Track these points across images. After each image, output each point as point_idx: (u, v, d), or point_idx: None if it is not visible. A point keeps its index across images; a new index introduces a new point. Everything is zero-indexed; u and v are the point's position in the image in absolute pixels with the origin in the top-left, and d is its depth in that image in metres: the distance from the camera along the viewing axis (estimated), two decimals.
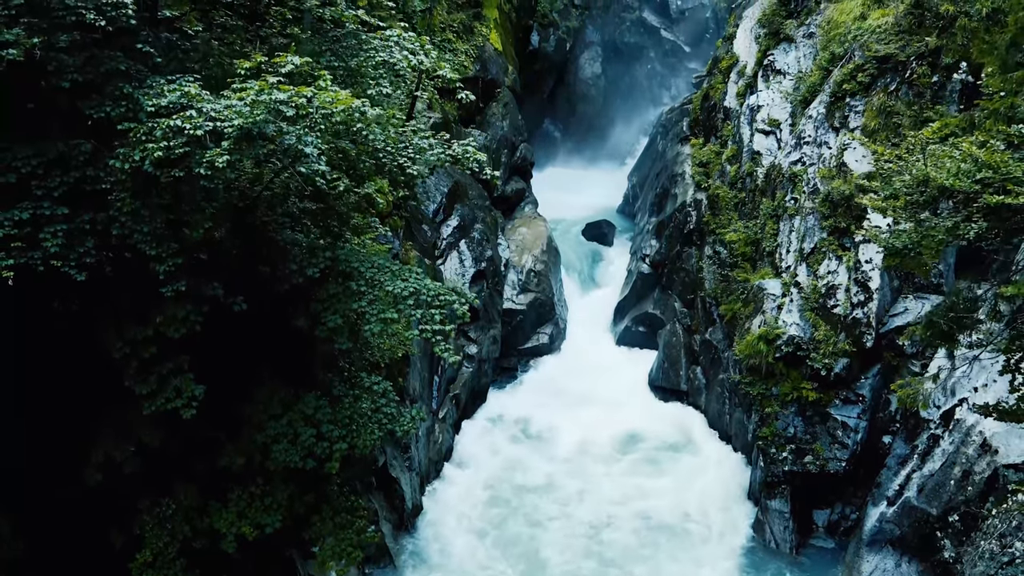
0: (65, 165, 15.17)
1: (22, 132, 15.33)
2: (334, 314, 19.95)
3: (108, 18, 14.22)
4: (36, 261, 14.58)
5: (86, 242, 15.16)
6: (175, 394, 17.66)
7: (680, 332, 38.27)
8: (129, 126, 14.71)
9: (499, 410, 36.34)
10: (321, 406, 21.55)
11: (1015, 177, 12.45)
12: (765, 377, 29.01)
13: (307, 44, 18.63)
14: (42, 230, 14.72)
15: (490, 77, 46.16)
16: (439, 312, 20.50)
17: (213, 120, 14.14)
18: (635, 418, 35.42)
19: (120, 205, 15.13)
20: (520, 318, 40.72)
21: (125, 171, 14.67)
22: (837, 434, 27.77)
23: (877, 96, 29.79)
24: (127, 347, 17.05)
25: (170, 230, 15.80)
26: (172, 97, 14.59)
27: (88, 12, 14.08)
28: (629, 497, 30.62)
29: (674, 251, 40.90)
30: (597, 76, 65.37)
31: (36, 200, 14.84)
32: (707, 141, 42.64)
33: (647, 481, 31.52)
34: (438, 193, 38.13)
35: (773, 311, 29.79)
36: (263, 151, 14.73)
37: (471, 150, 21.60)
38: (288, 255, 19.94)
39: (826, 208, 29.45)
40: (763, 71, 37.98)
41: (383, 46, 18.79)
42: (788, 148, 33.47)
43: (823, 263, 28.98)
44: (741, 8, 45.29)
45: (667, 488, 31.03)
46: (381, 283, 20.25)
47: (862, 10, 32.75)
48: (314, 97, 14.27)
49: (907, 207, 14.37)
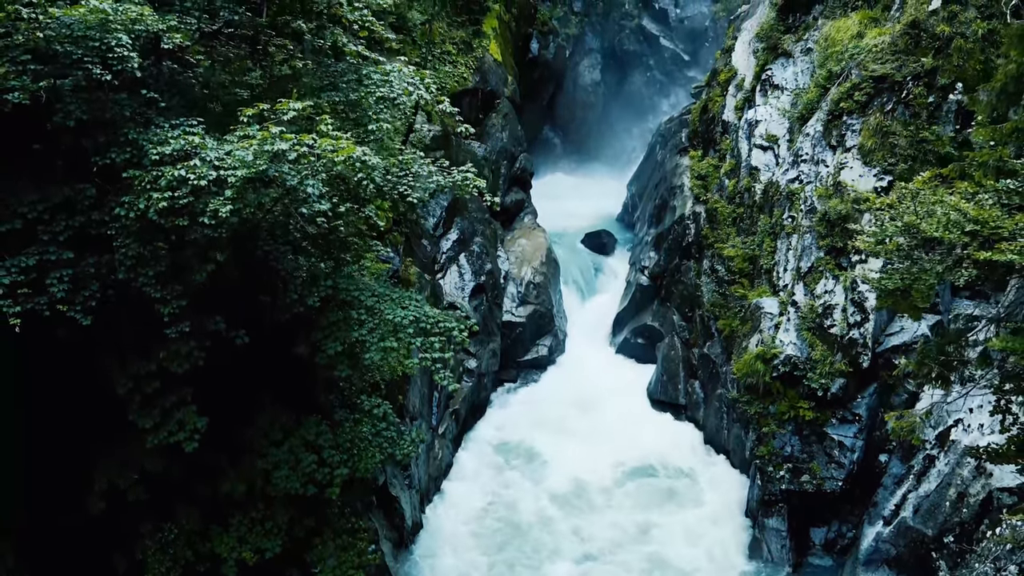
0: (70, 209, 15.40)
1: (28, 174, 15.56)
2: (334, 342, 20.18)
3: (114, 72, 14.41)
4: (42, 306, 14.82)
5: (91, 285, 15.40)
6: (178, 427, 17.91)
7: (678, 346, 38.49)
8: (134, 174, 14.93)
9: (499, 425, 36.53)
10: (322, 431, 21.81)
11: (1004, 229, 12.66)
12: (762, 396, 29.24)
13: (308, 77, 18.84)
14: (48, 275, 14.96)
15: (489, 88, 46.29)
16: (439, 339, 20.74)
17: (217, 168, 14.35)
18: (634, 434, 35.47)
19: (125, 250, 15.35)
20: (520, 330, 40.92)
21: (130, 219, 14.89)
22: (834, 453, 28.00)
23: (874, 116, 29.96)
24: (130, 382, 17.29)
25: (174, 272, 16.01)
26: (176, 145, 14.81)
27: (95, 66, 14.29)
28: (626, 521, 30.73)
29: (673, 264, 41.11)
30: (596, 83, 65.59)
31: (42, 245, 15.08)
32: (706, 154, 42.85)
33: (645, 503, 31.63)
34: (438, 207, 38.28)
35: (770, 330, 30.02)
36: (267, 199, 14.92)
37: (470, 177, 21.78)
38: (289, 284, 20.16)
39: (823, 227, 29.63)
40: (761, 86, 38.15)
41: (383, 80, 18.97)
42: (786, 165, 33.67)
43: (820, 282, 29.18)
44: (740, 20, 45.47)
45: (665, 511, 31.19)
46: (381, 311, 20.46)
47: (859, 28, 32.90)
48: (316, 145, 14.47)
49: (898, 250, 14.59)
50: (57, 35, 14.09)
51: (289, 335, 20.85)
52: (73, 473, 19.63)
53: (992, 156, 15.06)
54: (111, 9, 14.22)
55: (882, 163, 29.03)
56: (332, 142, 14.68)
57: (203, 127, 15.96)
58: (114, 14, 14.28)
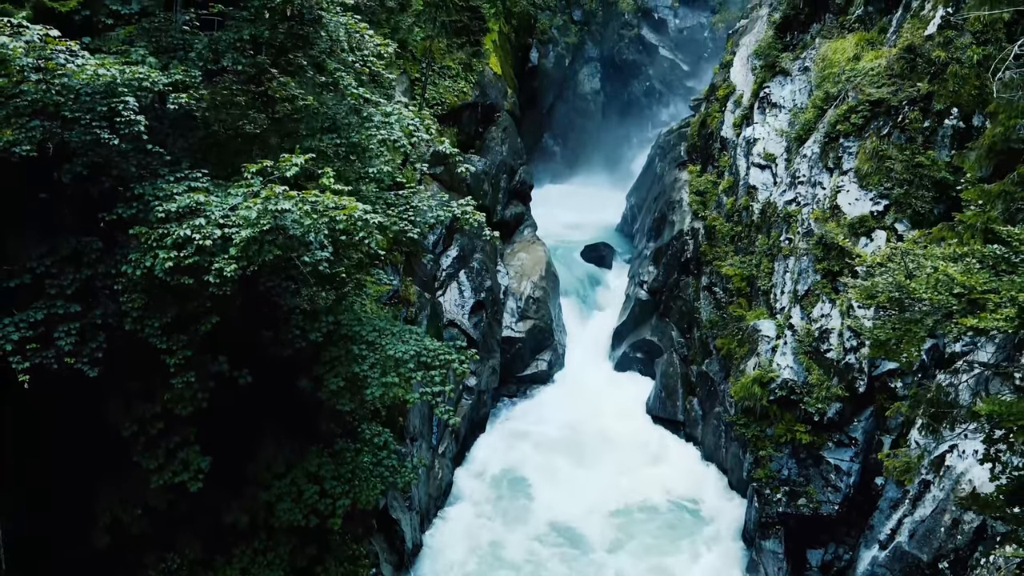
0: (78, 262, 15.68)
1: (36, 225, 15.81)
2: (336, 377, 20.45)
3: (121, 136, 14.67)
4: (50, 360, 15.09)
5: (98, 337, 15.67)
6: (182, 467, 18.20)
7: (677, 362, 38.75)
8: (140, 230, 15.18)
9: (498, 444, 36.76)
10: (324, 462, 22.10)
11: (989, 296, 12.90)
12: (760, 418, 29.51)
13: (309, 120, 19.07)
14: (56, 329, 15.25)
15: (489, 102, 46.49)
16: (439, 373, 21.02)
17: (222, 227, 14.62)
18: (633, 455, 35.72)
19: (131, 304, 15.61)
20: (519, 346, 41.17)
21: (136, 276, 15.15)
22: (830, 477, 28.25)
23: (870, 139, 30.15)
24: (135, 425, 17.56)
25: (179, 323, 16.27)
26: (182, 203, 15.07)
27: (102, 131, 14.54)
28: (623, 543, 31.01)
29: (672, 279, 41.38)
30: (596, 92, 65.88)
31: (49, 299, 15.36)
32: (704, 169, 43.11)
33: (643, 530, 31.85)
34: (438, 224, 38.44)
35: (767, 353, 30.27)
36: (270, 256, 15.18)
37: (470, 211, 22.12)
38: (290, 319, 20.43)
39: (819, 251, 29.87)
40: (759, 103, 38.37)
41: (383, 123, 19.22)
42: (783, 186, 33.90)
43: (816, 306, 29.41)
44: (738, 35, 45.66)
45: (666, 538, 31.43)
46: (382, 346, 20.75)
47: (856, 51, 33.10)
48: (319, 203, 14.72)
49: (889, 301, 14.83)
50: (66, 101, 14.34)
51: (291, 369, 21.13)
52: (78, 508, 19.91)
53: (980, 218, 15.30)
54: (118, 73, 14.46)
55: (878, 187, 29.22)
56: (335, 199, 14.94)
57: (207, 177, 16.22)
58: (120, 76, 14.53)
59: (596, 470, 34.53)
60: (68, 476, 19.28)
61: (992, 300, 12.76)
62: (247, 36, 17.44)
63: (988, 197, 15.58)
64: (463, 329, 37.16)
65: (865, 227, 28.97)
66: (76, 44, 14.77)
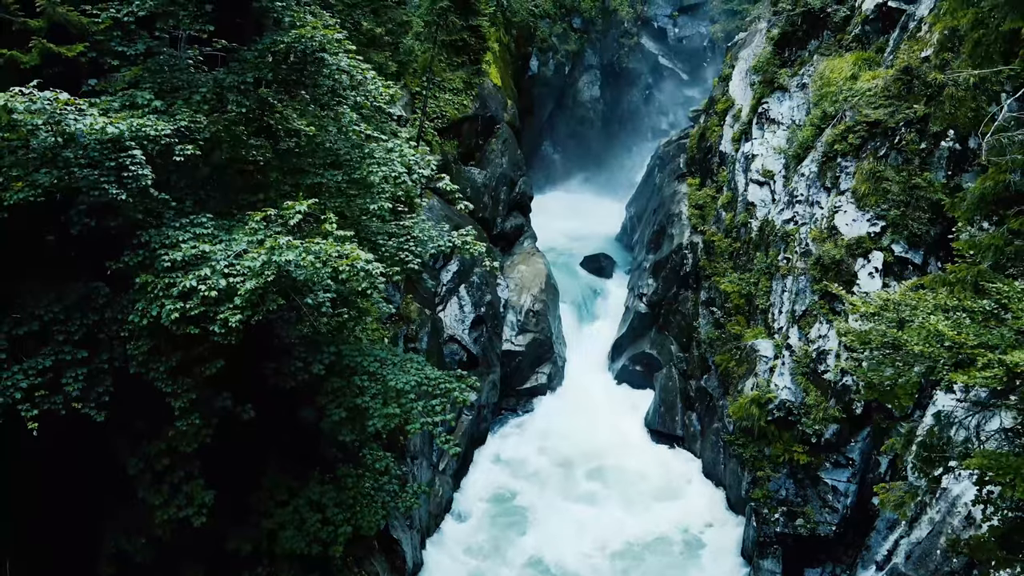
0: (85, 307, 15.92)
1: (42, 269, 16.05)
2: (338, 408, 20.68)
3: (128, 190, 14.90)
4: (58, 406, 15.34)
5: (104, 381, 15.91)
6: (186, 501, 18.44)
7: (676, 377, 38.98)
8: (147, 279, 15.42)
9: (498, 457, 37.00)
10: (326, 490, 22.33)
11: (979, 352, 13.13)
12: (757, 438, 29.74)
13: (313, 155, 19.31)
14: (64, 375, 15.49)
15: (489, 114, 46.70)
16: (440, 402, 21.24)
17: (227, 276, 14.86)
18: (631, 472, 35.91)
19: (137, 350, 15.86)
20: (519, 359, 41.38)
21: (143, 325, 15.40)
22: (827, 498, 28.50)
23: (867, 160, 30.36)
24: (141, 462, 17.81)
25: (185, 366, 16.51)
26: (187, 253, 15.31)
27: (111, 186, 14.78)
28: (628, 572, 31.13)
29: (670, 292, 41.64)
30: (596, 99, 66.09)
31: (57, 345, 15.60)
32: (703, 182, 43.36)
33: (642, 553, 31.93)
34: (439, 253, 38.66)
35: (765, 373, 30.50)
36: (274, 305, 15.44)
37: (470, 241, 22.37)
38: (293, 351, 20.65)
39: (817, 271, 30.08)
40: (758, 119, 38.58)
41: (385, 159, 19.45)
42: (781, 204, 34.12)
43: (814, 326, 29.65)
44: (737, 48, 45.87)
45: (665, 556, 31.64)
46: (383, 376, 20.95)
47: (853, 70, 33.29)
48: (321, 252, 14.95)
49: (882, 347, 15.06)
50: (74, 157, 14.57)
51: (294, 399, 21.36)
52: (83, 539, 20.13)
53: (970, 272, 15.53)
54: (125, 128, 14.68)
55: (875, 208, 29.45)
56: (338, 247, 15.17)
57: (212, 222, 16.46)
58: (128, 130, 14.76)
59: (595, 494, 34.64)
60: (73, 508, 19.49)
61: (981, 358, 12.99)
62: (251, 79, 17.66)
63: (979, 249, 15.81)
64: (463, 344, 37.38)
65: (862, 248, 29.21)
66: (84, 102, 14.98)
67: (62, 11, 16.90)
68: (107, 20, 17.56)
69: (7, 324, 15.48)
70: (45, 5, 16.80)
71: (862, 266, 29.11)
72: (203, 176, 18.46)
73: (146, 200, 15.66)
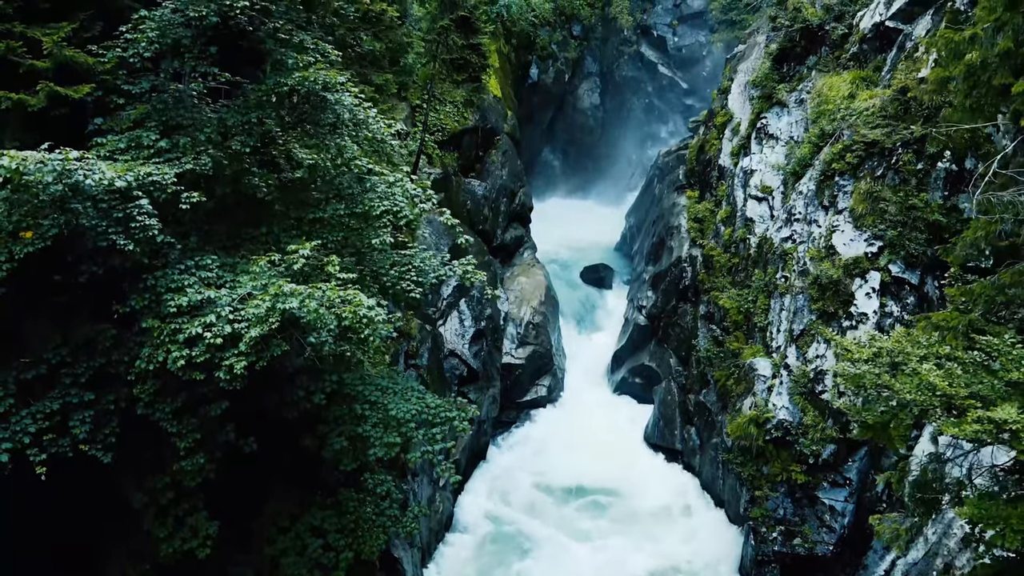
0: (91, 350, 16.15)
1: (49, 311, 16.29)
2: (339, 436, 20.89)
3: (136, 240, 15.14)
4: (65, 449, 15.58)
5: (111, 423, 16.15)
6: (191, 534, 18.66)
7: (675, 391, 39.20)
8: (153, 324, 15.66)
9: (498, 473, 37.17)
10: (328, 515, 22.53)
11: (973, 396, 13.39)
12: (756, 457, 29.98)
13: (315, 190, 19.55)
14: (71, 418, 15.73)
15: (489, 126, 46.88)
16: (440, 431, 21.48)
17: (232, 322, 15.11)
18: (631, 488, 36.12)
19: (143, 393, 16.10)
20: (519, 372, 41.61)
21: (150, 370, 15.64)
22: (825, 518, 28.74)
23: (864, 180, 30.60)
24: (146, 496, 18.05)
25: (190, 406, 16.74)
26: (193, 297, 15.55)
27: (118, 236, 15.01)
28: None
29: (670, 305, 41.88)
30: (596, 106, 66.38)
31: (64, 388, 15.84)
32: (703, 196, 43.59)
33: None
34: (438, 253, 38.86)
35: (763, 393, 30.73)
36: (278, 351, 15.68)
37: (470, 270, 22.58)
38: (295, 380, 20.85)
39: (815, 291, 30.30)
40: (756, 134, 38.81)
41: (387, 192, 19.68)
42: (780, 222, 34.33)
43: (812, 346, 29.87)
44: (736, 60, 46.06)
45: None
46: (384, 405, 21.16)
47: (851, 88, 33.51)
48: (324, 298, 15.19)
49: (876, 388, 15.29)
50: (83, 209, 14.80)
51: (296, 428, 21.57)
52: (88, 565, 20.36)
53: (962, 321, 15.77)
54: (132, 178, 14.92)
55: (872, 228, 29.67)
56: (340, 293, 15.40)
57: (217, 264, 16.70)
58: (135, 180, 15.01)
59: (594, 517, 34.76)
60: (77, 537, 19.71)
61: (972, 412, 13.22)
62: (255, 119, 17.88)
63: (970, 296, 16.05)
64: (463, 359, 37.61)
65: (860, 268, 29.45)
66: (92, 154, 15.21)
67: (69, 53, 17.11)
68: (113, 59, 17.79)
69: (15, 368, 15.72)
70: (51, 47, 17.02)
71: (859, 286, 29.35)
72: (207, 209, 18.67)
73: (152, 244, 15.88)
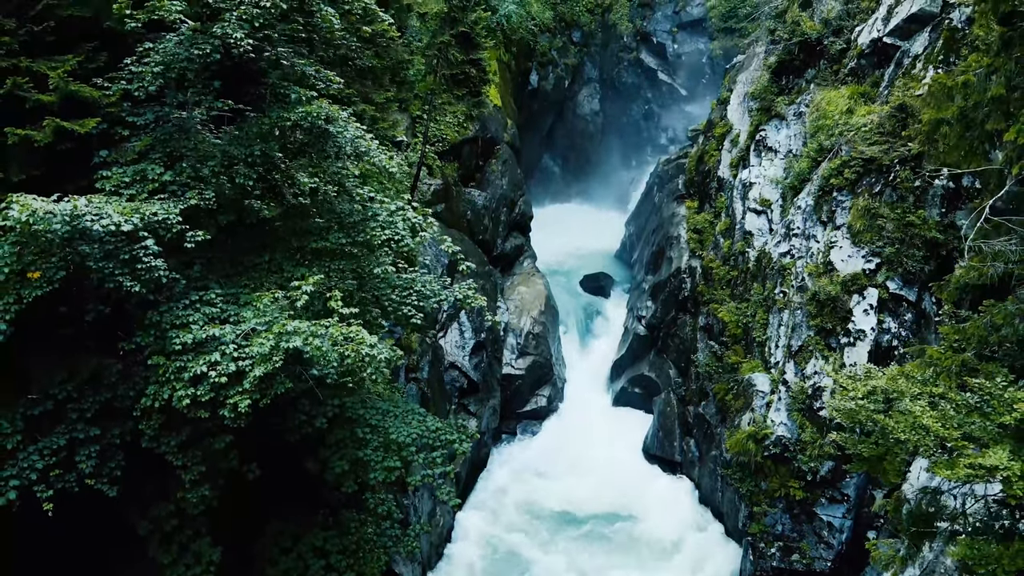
0: (97, 384, 16.37)
1: (56, 346, 16.50)
2: (341, 460, 21.10)
3: (142, 282, 15.36)
4: (71, 484, 15.80)
5: (116, 456, 16.38)
6: (194, 560, 18.90)
7: (674, 402, 39.39)
8: (159, 361, 15.88)
9: (498, 485, 37.39)
10: (329, 536, 22.76)
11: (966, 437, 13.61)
12: (754, 473, 30.22)
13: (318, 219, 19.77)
14: (77, 452, 15.95)
15: (489, 135, 47.04)
16: (441, 454, 21.71)
17: (236, 360, 15.32)
18: (630, 497, 36.32)
19: (149, 428, 16.33)
20: (519, 382, 41.80)
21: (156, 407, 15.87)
22: (823, 534, 28.96)
23: (862, 196, 30.77)
24: (151, 524, 18.28)
25: (194, 438, 16.96)
26: (198, 335, 15.77)
27: (124, 278, 15.22)
28: None
29: (669, 316, 42.08)
30: (595, 112, 66.54)
31: (71, 423, 16.07)
32: (702, 206, 43.80)
33: None
34: (439, 265, 39.00)
35: (762, 409, 30.94)
36: (282, 388, 15.91)
37: (470, 295, 22.82)
38: (297, 404, 21.07)
39: (813, 307, 30.49)
40: (755, 146, 38.98)
41: (388, 221, 19.89)
42: (778, 236, 34.52)
43: (810, 362, 30.06)
44: (735, 71, 46.23)
45: None
46: (385, 429, 21.38)
47: (849, 104, 33.68)
48: (327, 337, 15.41)
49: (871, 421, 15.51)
50: (90, 251, 15.02)
51: (298, 451, 21.79)
52: None
53: (955, 361, 15.97)
54: (139, 221, 15.13)
55: (870, 245, 29.85)
56: (344, 330, 15.61)
57: (221, 297, 16.92)
58: (142, 221, 15.22)
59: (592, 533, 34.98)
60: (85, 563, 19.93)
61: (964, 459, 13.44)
62: (258, 152, 18.08)
63: (963, 335, 16.27)
64: (464, 371, 37.84)
65: (858, 285, 29.65)
66: (100, 199, 15.41)
67: (75, 87, 17.32)
68: (118, 92, 17.99)
69: (23, 405, 15.95)
70: (57, 81, 17.22)
71: (857, 303, 29.56)
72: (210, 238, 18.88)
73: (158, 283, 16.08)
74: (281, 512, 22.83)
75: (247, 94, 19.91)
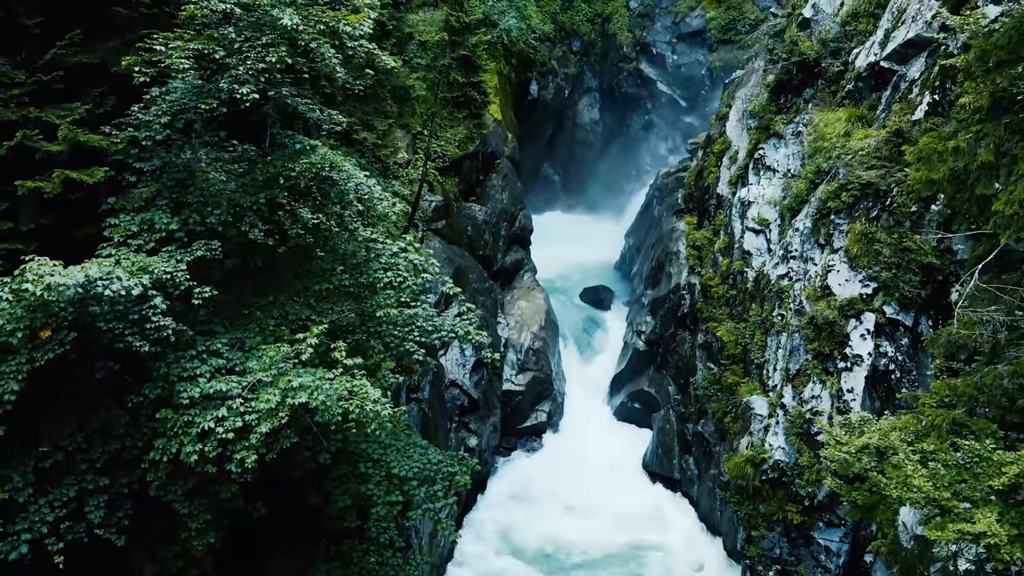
0: (106, 435, 16.67)
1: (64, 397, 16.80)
2: (343, 494, 21.42)
3: (151, 341, 15.67)
4: (81, 535, 16.10)
5: (124, 506, 16.69)
6: None
7: (674, 419, 39.68)
8: (167, 415, 16.19)
9: (497, 503, 37.62)
10: (332, 568, 23.06)
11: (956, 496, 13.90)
12: (752, 496, 30.51)
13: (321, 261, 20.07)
14: (86, 503, 16.25)
15: (490, 150, 47.23)
16: (442, 487, 22.04)
17: (243, 414, 15.63)
18: (629, 511, 36.61)
19: (156, 478, 16.64)
20: (519, 399, 42.06)
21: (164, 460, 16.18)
22: (820, 558, 29.25)
23: (859, 220, 31.03)
24: (157, 567, 18.58)
25: (202, 486, 17.26)
26: (205, 389, 16.08)
27: (134, 338, 15.52)
28: None
29: (668, 332, 42.36)
30: (595, 122, 66.80)
31: (80, 474, 16.37)
32: (701, 222, 44.06)
33: None
34: (438, 285, 39.30)
35: (760, 432, 31.22)
36: (287, 443, 16.22)
37: (472, 331, 23.08)
38: (301, 440, 21.35)
39: (811, 330, 30.75)
40: (754, 164, 39.25)
41: (391, 263, 20.19)
42: (776, 258, 34.78)
43: (808, 386, 30.34)
44: (734, 87, 46.42)
45: None
46: (387, 463, 21.69)
47: (846, 127, 33.96)
48: (332, 391, 15.71)
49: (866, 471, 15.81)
50: (100, 311, 15.32)
51: (301, 486, 22.08)
52: None
53: (946, 418, 16.27)
54: (147, 280, 15.43)
55: (867, 269, 30.09)
56: (348, 383, 15.91)
57: (227, 345, 17.21)
58: (152, 281, 15.52)
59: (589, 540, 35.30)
60: None
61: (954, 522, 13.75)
62: (263, 200, 18.36)
63: (954, 392, 16.57)
64: (464, 389, 38.12)
65: (855, 309, 29.89)
66: (109, 263, 15.69)
67: (83, 138, 17.60)
68: (124, 140, 18.27)
69: (34, 458, 16.25)
70: (66, 132, 17.51)
71: (854, 327, 29.81)
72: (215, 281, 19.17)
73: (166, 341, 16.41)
74: (284, 546, 23.13)
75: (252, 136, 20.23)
